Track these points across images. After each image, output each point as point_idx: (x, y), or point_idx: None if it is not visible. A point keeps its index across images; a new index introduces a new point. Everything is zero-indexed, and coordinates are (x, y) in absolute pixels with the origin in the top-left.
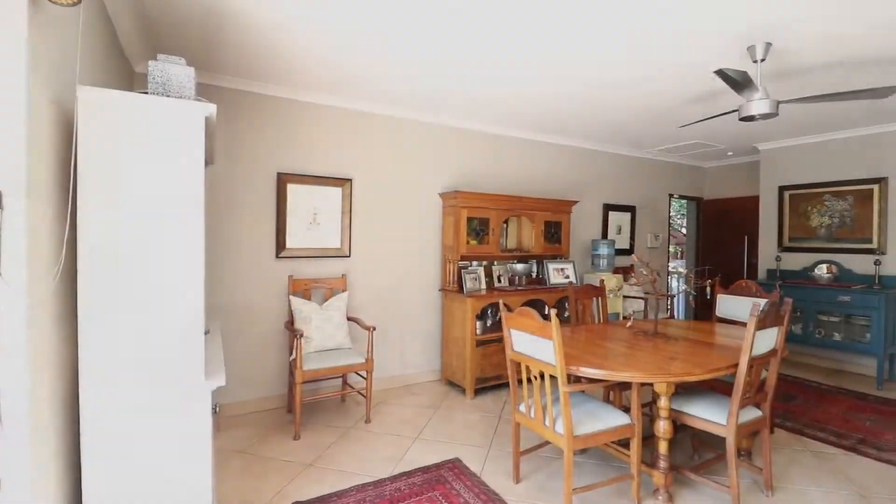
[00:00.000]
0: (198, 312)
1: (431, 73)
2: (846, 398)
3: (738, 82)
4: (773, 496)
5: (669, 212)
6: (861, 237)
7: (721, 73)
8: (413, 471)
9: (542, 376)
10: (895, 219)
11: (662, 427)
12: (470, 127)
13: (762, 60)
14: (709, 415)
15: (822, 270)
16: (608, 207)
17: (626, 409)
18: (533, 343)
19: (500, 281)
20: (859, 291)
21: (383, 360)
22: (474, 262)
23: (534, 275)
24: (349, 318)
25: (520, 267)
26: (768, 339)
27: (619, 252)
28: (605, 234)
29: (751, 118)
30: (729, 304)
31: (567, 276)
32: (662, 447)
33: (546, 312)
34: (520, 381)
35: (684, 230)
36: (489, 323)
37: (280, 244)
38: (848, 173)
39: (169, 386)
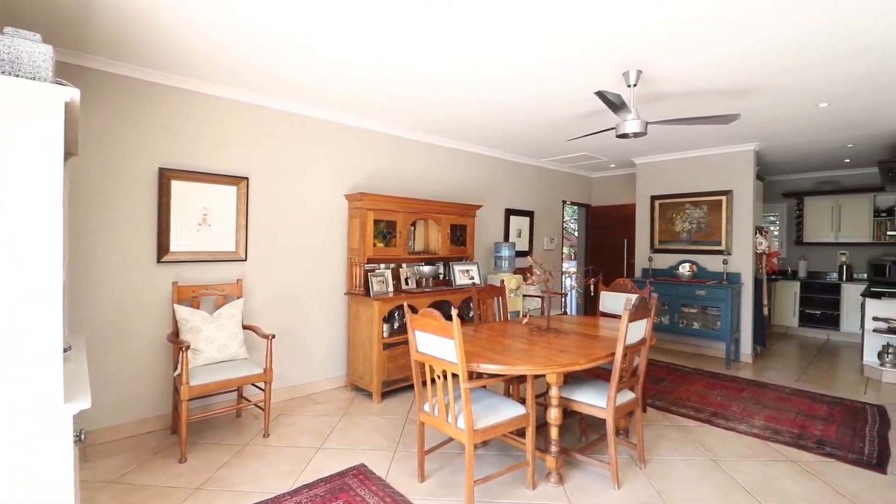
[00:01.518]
0: (54, 327)
1: (337, 70)
2: (702, 378)
3: (615, 104)
4: (646, 468)
5: (563, 217)
6: (713, 240)
7: (600, 95)
8: (315, 482)
9: (445, 375)
10: (738, 225)
11: (553, 414)
12: (378, 129)
13: (635, 86)
14: (592, 400)
15: (684, 269)
16: (510, 212)
17: (524, 401)
18: (436, 343)
19: (407, 283)
20: (712, 286)
21: (285, 370)
22: (381, 265)
23: (441, 276)
24: (245, 327)
25: (427, 269)
26: (639, 330)
27: (520, 254)
28: (506, 237)
29: (625, 136)
30: (610, 300)
31: (472, 278)
32: (554, 433)
33: (457, 313)
34: (424, 383)
35: (577, 234)
36: (396, 325)
37: (162, 247)
38: (704, 186)
39: (18, 413)
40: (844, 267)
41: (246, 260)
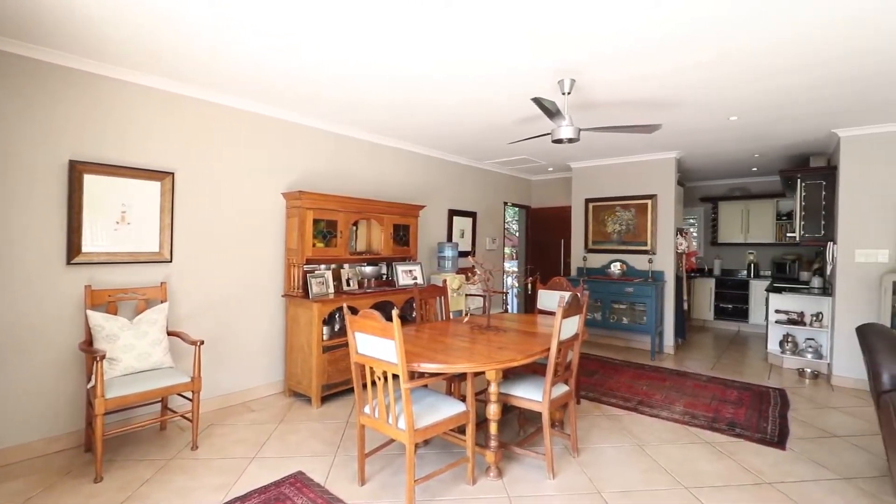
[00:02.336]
0: None
1: (276, 65)
2: (631, 369)
3: (550, 110)
4: (579, 457)
5: (505, 218)
6: (640, 241)
7: (537, 101)
8: (248, 493)
9: (386, 376)
10: (662, 227)
11: (492, 410)
12: (319, 126)
13: (569, 93)
14: (529, 394)
15: (615, 267)
16: (453, 213)
17: (465, 399)
18: (376, 344)
19: (349, 284)
20: (639, 284)
21: (216, 377)
22: (322, 266)
23: (384, 277)
24: (171, 333)
25: (369, 269)
26: (572, 326)
27: (463, 254)
28: (450, 238)
29: (560, 141)
30: (546, 298)
31: (415, 278)
32: (493, 428)
33: (397, 314)
34: (365, 386)
35: (518, 234)
36: (337, 327)
37: (73, 248)
38: (632, 190)
39: None
40: (752, 265)
41: (171, 261)
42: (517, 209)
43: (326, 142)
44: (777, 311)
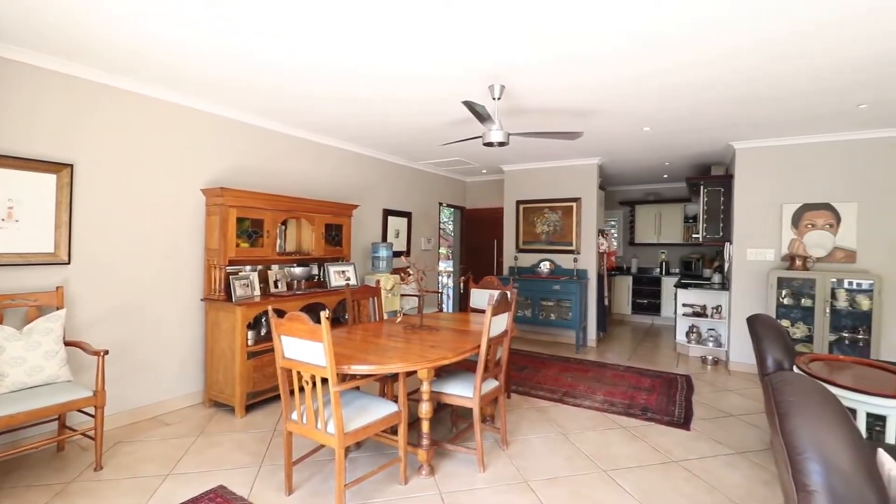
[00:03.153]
0: None
1: (203, 50)
2: (557, 363)
3: (480, 114)
4: (508, 449)
5: (440, 218)
6: (566, 241)
7: (467, 104)
8: None
9: (314, 380)
10: (586, 228)
11: (424, 409)
12: (245, 120)
13: (499, 99)
14: (461, 391)
15: (544, 266)
16: (388, 212)
17: (397, 399)
18: (304, 348)
19: (277, 286)
20: (565, 282)
21: (125, 390)
22: (247, 267)
23: (315, 278)
24: (69, 343)
25: (299, 270)
26: (501, 323)
27: (398, 254)
28: (384, 238)
29: (490, 144)
30: (479, 297)
31: (348, 279)
32: (425, 427)
33: (326, 316)
34: (292, 391)
35: (453, 234)
36: (263, 332)
37: None
38: (559, 193)
39: None
40: (664, 263)
41: (69, 263)
42: (452, 210)
43: (254, 137)
44: (684, 305)
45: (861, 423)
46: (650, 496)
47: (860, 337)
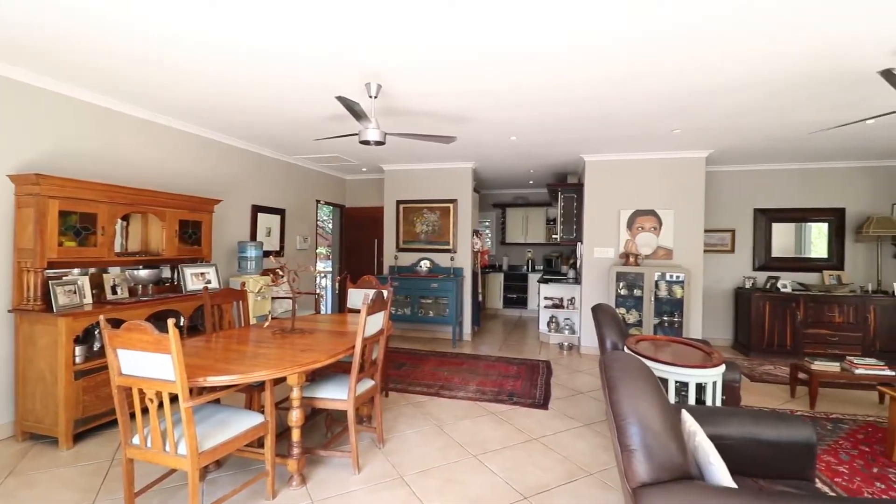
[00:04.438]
0: None
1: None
2: (435, 358)
3: (355, 111)
4: (384, 447)
5: (318, 217)
6: (444, 241)
7: (342, 100)
8: None
9: (162, 398)
10: (461, 228)
11: (294, 416)
12: (76, 95)
13: (375, 97)
14: (335, 394)
15: (423, 265)
16: (257, 209)
17: (263, 409)
18: (148, 361)
19: (116, 292)
20: (443, 280)
21: None
22: (75, 270)
23: (167, 282)
24: None
25: (145, 273)
26: (377, 322)
27: (269, 254)
28: (253, 236)
29: (367, 142)
30: (356, 296)
31: (208, 281)
32: (295, 435)
33: (175, 323)
34: (133, 414)
35: (332, 233)
36: (97, 346)
37: None
38: (437, 194)
39: None
40: (530, 261)
41: None
42: (332, 208)
43: (86, 116)
44: (545, 298)
45: (671, 390)
46: (513, 472)
47: (676, 320)
